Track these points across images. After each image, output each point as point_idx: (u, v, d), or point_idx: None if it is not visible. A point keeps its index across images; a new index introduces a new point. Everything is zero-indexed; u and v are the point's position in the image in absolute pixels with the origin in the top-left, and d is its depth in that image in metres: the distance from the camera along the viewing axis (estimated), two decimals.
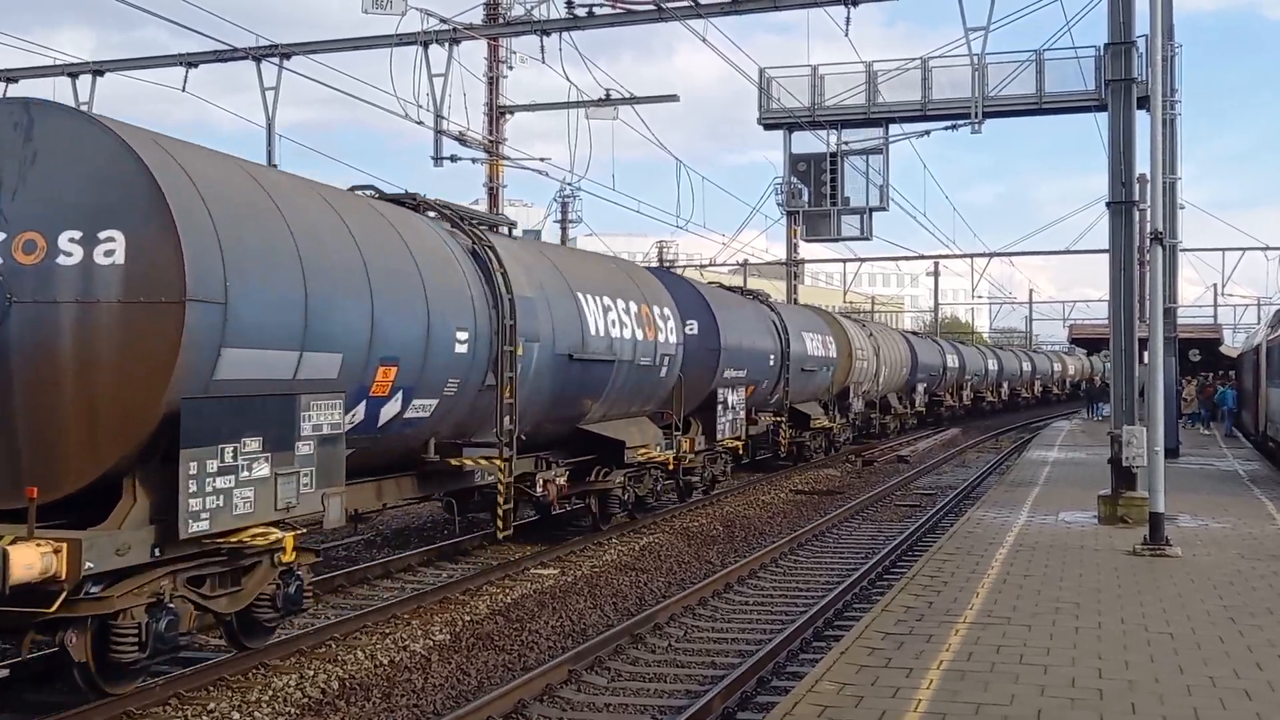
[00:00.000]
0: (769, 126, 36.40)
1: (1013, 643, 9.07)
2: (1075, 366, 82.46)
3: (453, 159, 27.86)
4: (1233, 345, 53.09)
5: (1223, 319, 59.60)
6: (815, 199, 36.32)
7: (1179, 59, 27.59)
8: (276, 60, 22.76)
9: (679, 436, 18.59)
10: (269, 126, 22.96)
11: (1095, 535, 14.87)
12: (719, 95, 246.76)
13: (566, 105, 27.87)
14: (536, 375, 13.73)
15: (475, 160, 29.69)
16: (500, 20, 26.08)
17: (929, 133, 34.06)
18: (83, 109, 23.15)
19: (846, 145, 35.99)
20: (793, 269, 40.13)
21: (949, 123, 32.42)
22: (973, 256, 53.90)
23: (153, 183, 8.29)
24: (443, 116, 24.61)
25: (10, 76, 24.91)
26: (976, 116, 29.42)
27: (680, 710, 8.94)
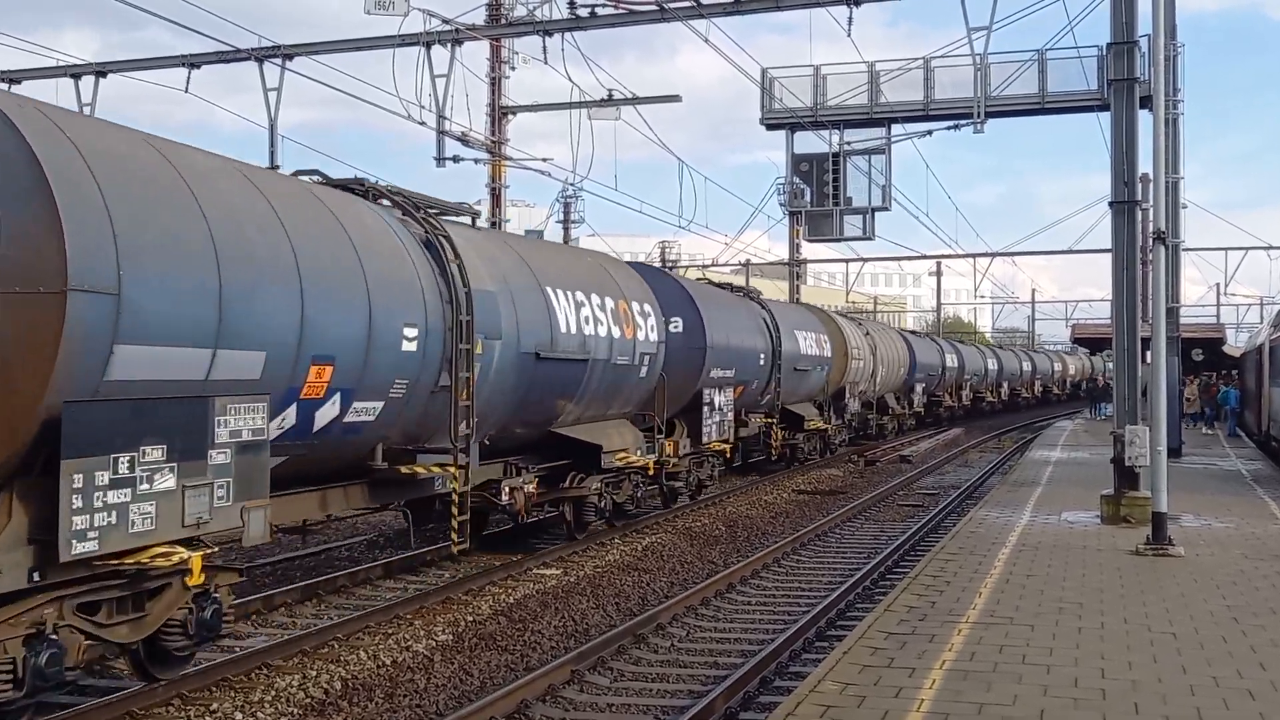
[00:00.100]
0: (771, 126, 36.41)
1: (1016, 643, 9.06)
2: (1076, 366, 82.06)
3: (455, 160, 27.86)
4: (1235, 345, 53.07)
5: (1225, 318, 59.64)
6: (818, 199, 36.32)
7: (1181, 58, 27.60)
8: (279, 61, 22.78)
9: (661, 439, 17.83)
10: (271, 127, 22.99)
11: (1098, 535, 14.86)
12: (721, 95, 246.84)
13: (569, 106, 27.85)
14: (499, 375, 12.85)
15: (478, 161, 29.67)
16: (502, 21, 26.05)
17: (931, 133, 34.03)
18: (86, 110, 23.20)
19: (849, 145, 35.99)
20: (795, 269, 40.13)
21: (951, 122, 32.36)
22: (975, 256, 53.91)
23: (32, 157, 7.31)
24: (445, 117, 24.63)
25: (13, 78, 24.92)
26: (979, 116, 29.39)
27: (683, 710, 8.94)
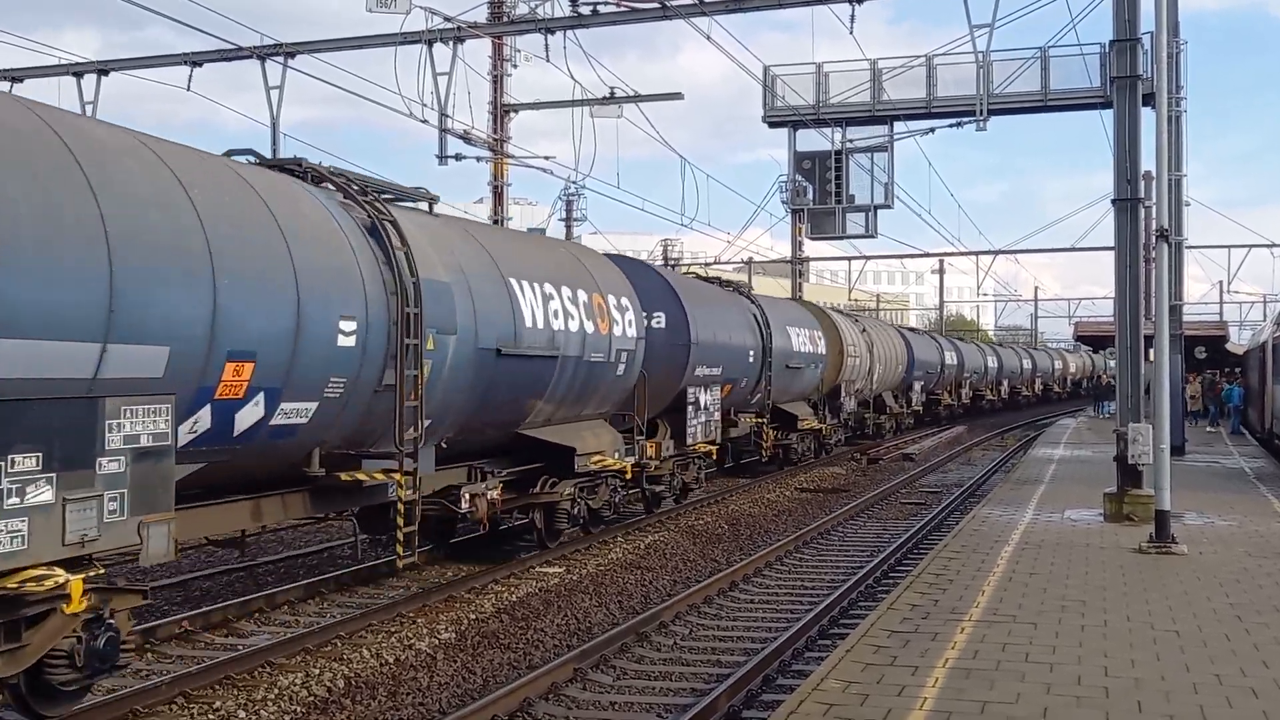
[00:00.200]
0: (774, 124, 36.38)
1: (1018, 641, 9.06)
2: (1077, 364, 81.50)
3: (457, 158, 27.90)
4: (1238, 342, 53.02)
5: (1228, 316, 59.71)
6: (820, 197, 36.28)
7: (1183, 56, 27.54)
8: (281, 59, 22.78)
9: (642, 441, 17.07)
10: (273, 125, 22.99)
11: (1101, 533, 14.85)
12: (723, 93, 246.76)
13: (571, 103, 27.86)
14: (454, 373, 11.95)
15: (480, 159, 29.69)
16: (504, 19, 26.05)
17: (934, 130, 33.93)
18: (88, 109, 23.22)
19: (851, 143, 35.95)
20: (798, 267, 40.12)
21: (954, 120, 32.33)
22: (978, 254, 53.90)
23: None
24: (447, 115, 24.64)
25: (15, 76, 24.94)
26: (981, 114, 29.36)
27: (686, 708, 8.94)
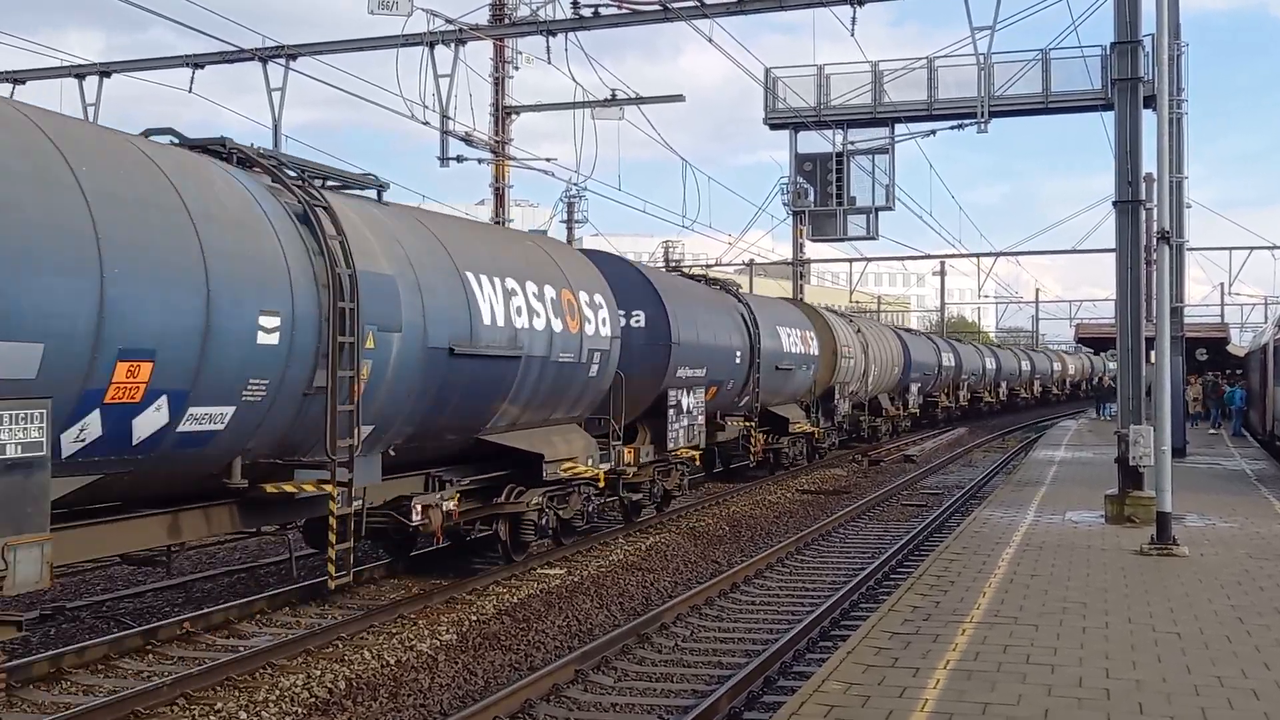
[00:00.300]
0: (775, 126, 36.41)
1: (1020, 642, 9.06)
2: (1076, 366, 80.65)
3: (459, 159, 27.91)
4: (1240, 344, 53.01)
5: (1230, 318, 59.62)
6: (821, 199, 36.33)
7: (1185, 58, 27.55)
8: (283, 61, 22.81)
9: (619, 447, 16.20)
10: (275, 127, 23.01)
11: (1102, 535, 14.84)
12: (725, 95, 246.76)
13: (572, 105, 27.88)
14: (399, 374, 11.04)
15: (481, 161, 29.70)
16: (506, 21, 26.07)
17: (935, 132, 33.97)
18: (90, 111, 23.24)
19: (852, 145, 35.99)
20: (799, 269, 40.13)
21: (955, 122, 32.36)
22: (979, 256, 53.92)
23: None
24: (449, 117, 24.67)
25: (17, 78, 24.97)
26: (983, 116, 29.43)
27: (687, 710, 8.94)
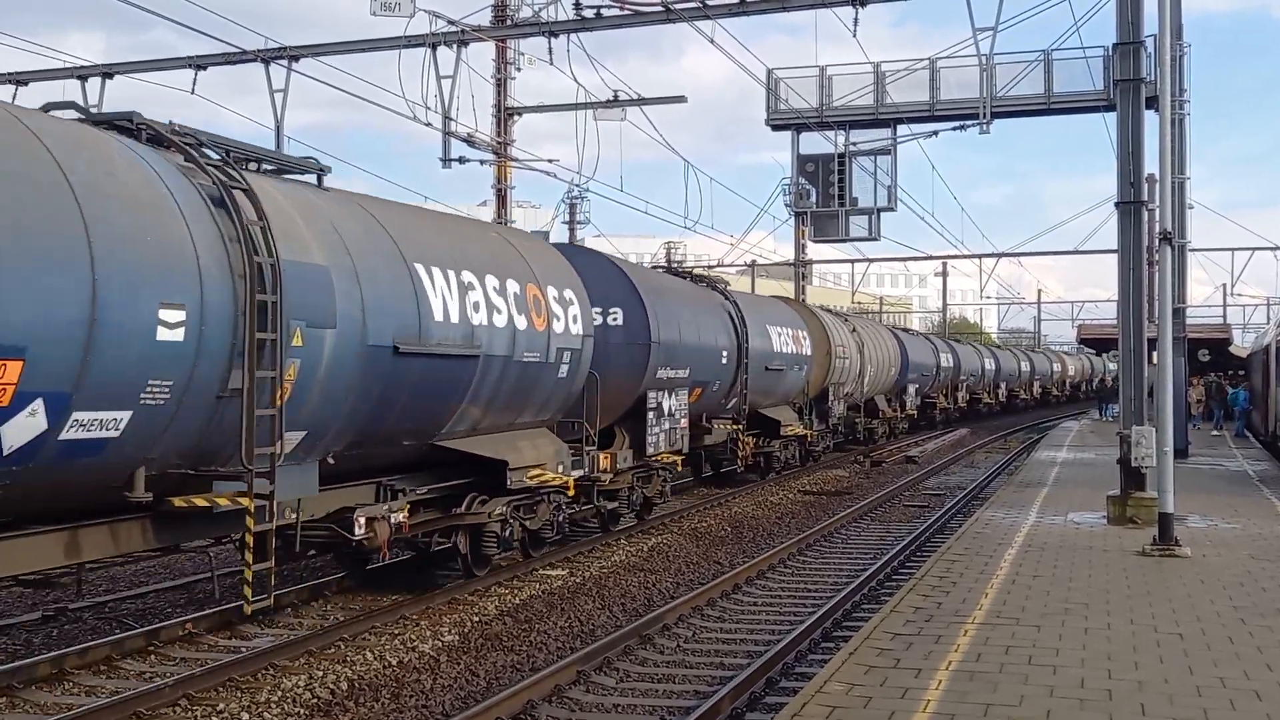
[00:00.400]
0: (777, 127, 36.43)
1: (1022, 643, 9.06)
2: (1076, 367, 79.78)
3: (461, 160, 27.94)
4: (1242, 345, 52.97)
5: (1232, 319, 59.57)
6: (823, 199, 36.34)
7: (1187, 59, 27.57)
8: (285, 62, 22.83)
9: (593, 452, 15.36)
10: (277, 128, 23.04)
11: (1104, 536, 14.84)
12: (727, 96, 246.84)
13: (574, 106, 27.90)
14: (334, 374, 10.05)
15: (483, 162, 29.73)
16: (508, 22, 26.09)
17: (937, 133, 33.99)
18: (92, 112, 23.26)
19: (854, 146, 36.02)
20: (801, 270, 40.14)
21: (957, 123, 32.35)
22: (981, 257, 53.97)
23: None
24: (451, 118, 24.70)
25: (20, 79, 24.99)
26: (985, 117, 29.45)
27: (689, 711, 8.94)
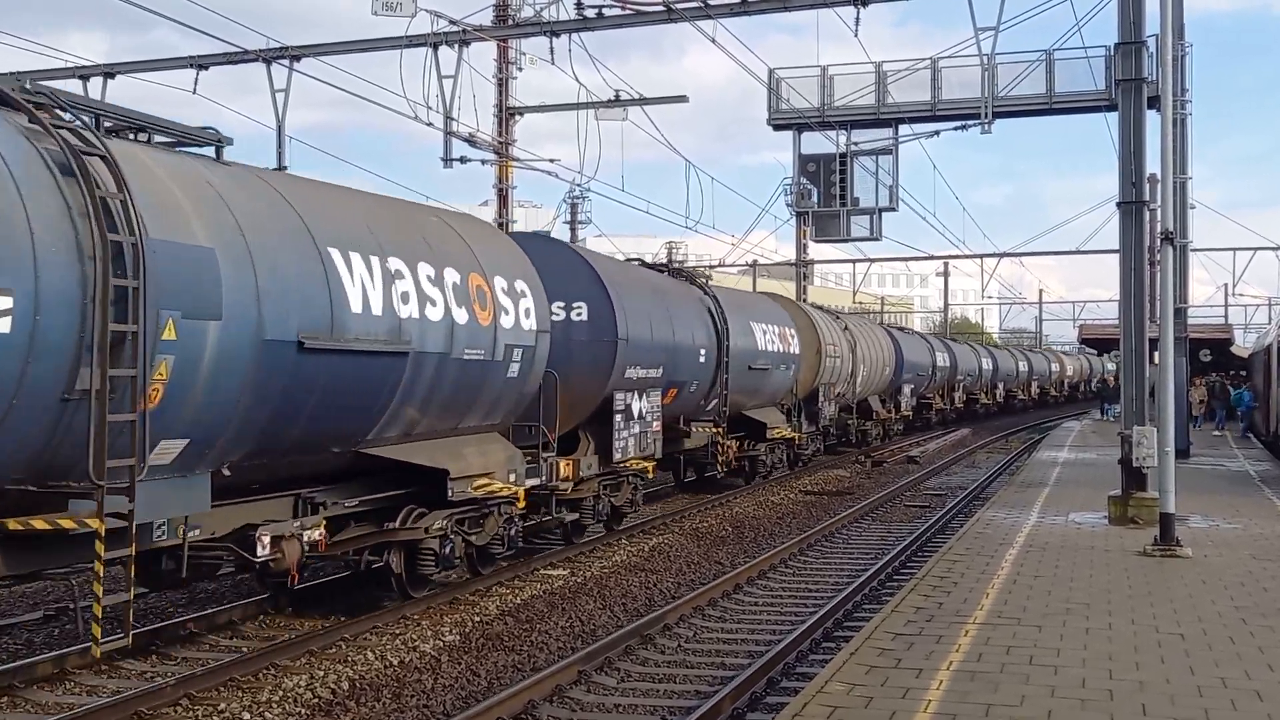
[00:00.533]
0: (778, 127, 36.43)
1: (1023, 643, 9.06)
2: (1074, 367, 79.03)
3: (462, 160, 27.97)
4: (1244, 345, 52.95)
5: (1234, 319, 59.60)
6: (825, 199, 36.33)
7: (1189, 58, 27.56)
8: (286, 62, 22.83)
9: (552, 459, 14.29)
10: (279, 128, 23.02)
11: (1105, 536, 14.83)
12: (728, 96, 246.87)
13: (576, 106, 27.91)
14: (220, 373, 8.85)
15: (485, 162, 29.75)
16: (510, 22, 26.10)
17: (938, 133, 33.95)
18: None
19: (856, 146, 36.01)
20: (802, 269, 40.13)
21: (959, 123, 32.33)
22: (982, 257, 54.02)
23: None
24: (452, 118, 24.72)
25: (21, 79, 24.96)
26: (986, 117, 29.43)
27: (690, 711, 8.94)
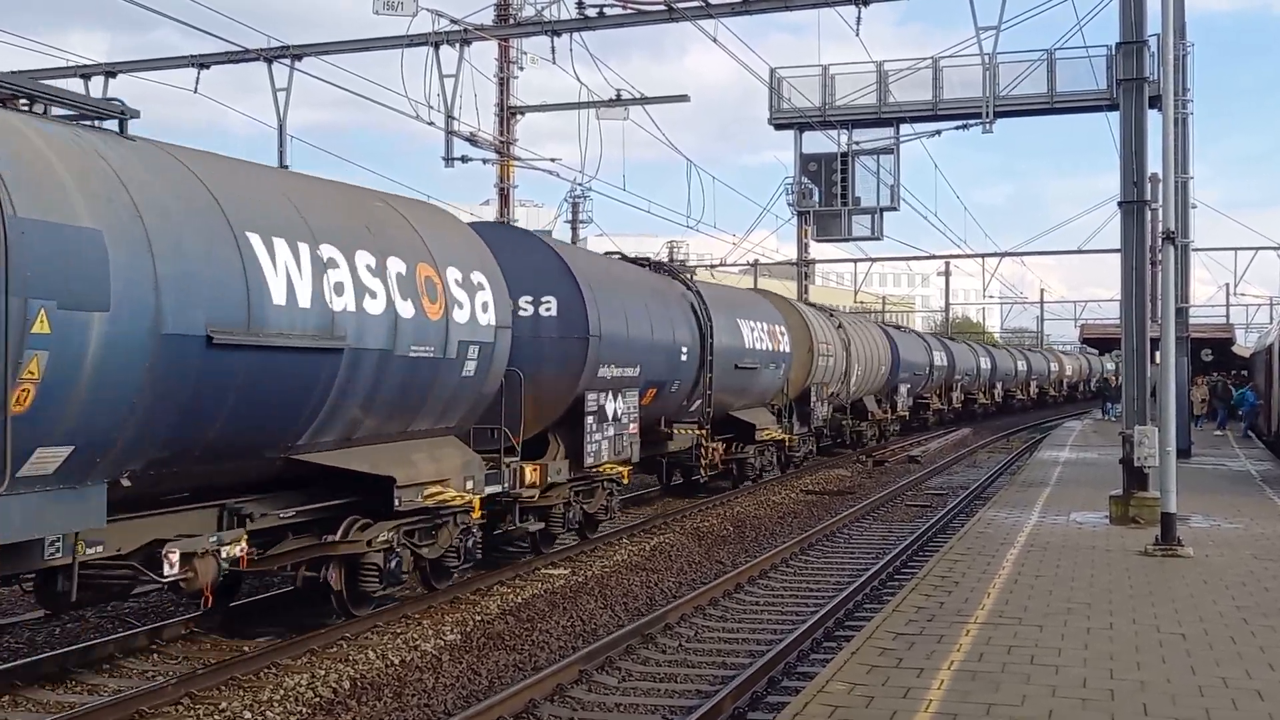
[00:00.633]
0: (780, 126, 36.41)
1: (1024, 643, 9.05)
2: (1073, 367, 78.34)
3: (464, 160, 27.99)
4: (1245, 345, 52.94)
5: (1235, 319, 59.60)
6: (826, 199, 36.30)
7: (1190, 58, 27.54)
8: (288, 61, 22.84)
9: (515, 464, 13.37)
10: (280, 127, 23.06)
11: (1107, 536, 14.83)
12: (730, 95, 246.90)
13: (577, 106, 27.92)
14: (109, 371, 7.89)
15: (486, 161, 29.76)
16: (511, 21, 26.11)
17: (940, 132, 33.90)
18: None
19: (857, 145, 35.97)
20: (803, 269, 40.13)
21: (960, 122, 32.31)
22: (984, 256, 54.06)
23: None
24: (454, 117, 24.74)
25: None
26: (988, 116, 29.40)
27: (691, 710, 8.94)
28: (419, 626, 11.49)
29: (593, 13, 22.21)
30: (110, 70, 24.27)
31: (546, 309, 14.87)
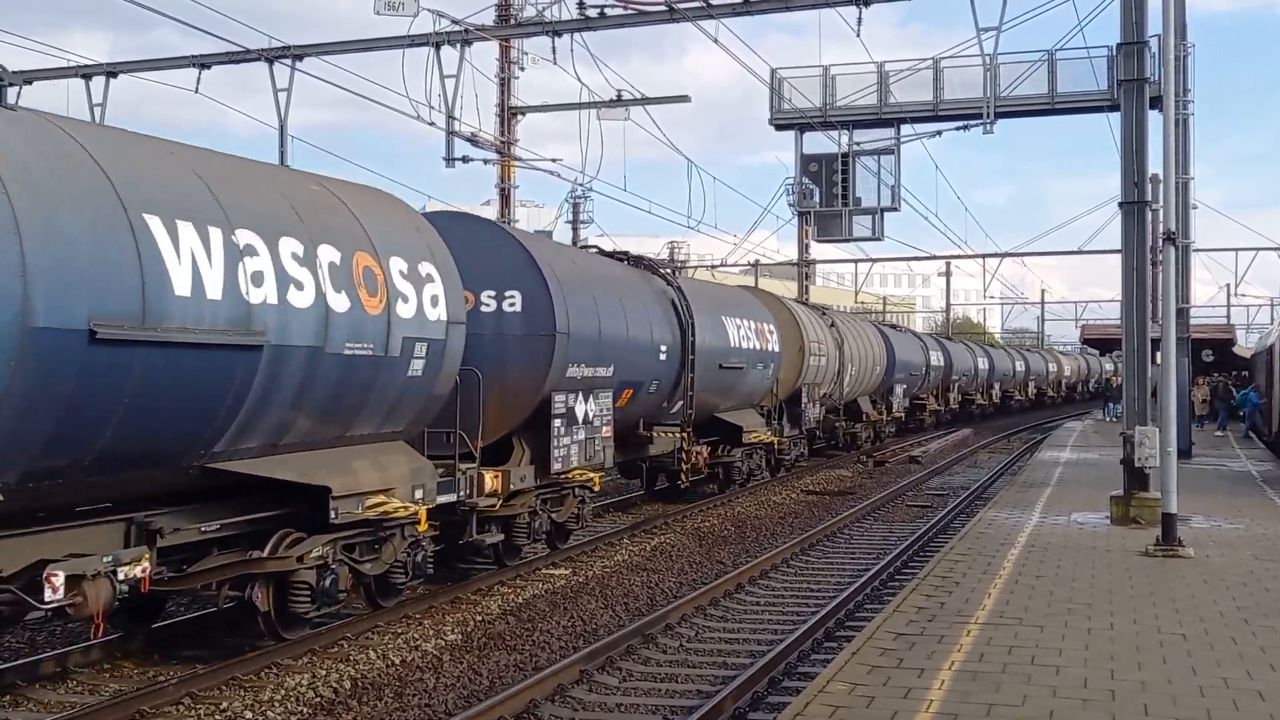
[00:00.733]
0: (780, 127, 36.37)
1: (1025, 643, 9.06)
2: (1072, 367, 78.07)
3: (464, 160, 27.98)
4: (1246, 345, 52.93)
5: (1236, 319, 59.60)
6: (827, 199, 36.26)
7: (1191, 58, 27.54)
8: (289, 61, 22.84)
9: (473, 471, 12.50)
10: (281, 127, 23.04)
11: (1107, 536, 14.83)
12: (730, 96, 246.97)
13: (578, 106, 27.92)
14: None
15: (487, 161, 29.78)
16: (512, 21, 26.13)
17: (941, 133, 33.86)
18: (97, 111, 23.27)
19: (858, 145, 35.94)
20: (804, 269, 40.14)
21: (961, 123, 32.26)
22: (984, 257, 54.11)
23: None
24: (454, 118, 24.71)
25: (25, 79, 25.01)
26: (988, 117, 29.35)
27: (691, 710, 8.94)
28: (420, 626, 11.49)
29: (593, 13, 22.20)
30: (111, 70, 24.25)
31: (510, 304, 13.95)
